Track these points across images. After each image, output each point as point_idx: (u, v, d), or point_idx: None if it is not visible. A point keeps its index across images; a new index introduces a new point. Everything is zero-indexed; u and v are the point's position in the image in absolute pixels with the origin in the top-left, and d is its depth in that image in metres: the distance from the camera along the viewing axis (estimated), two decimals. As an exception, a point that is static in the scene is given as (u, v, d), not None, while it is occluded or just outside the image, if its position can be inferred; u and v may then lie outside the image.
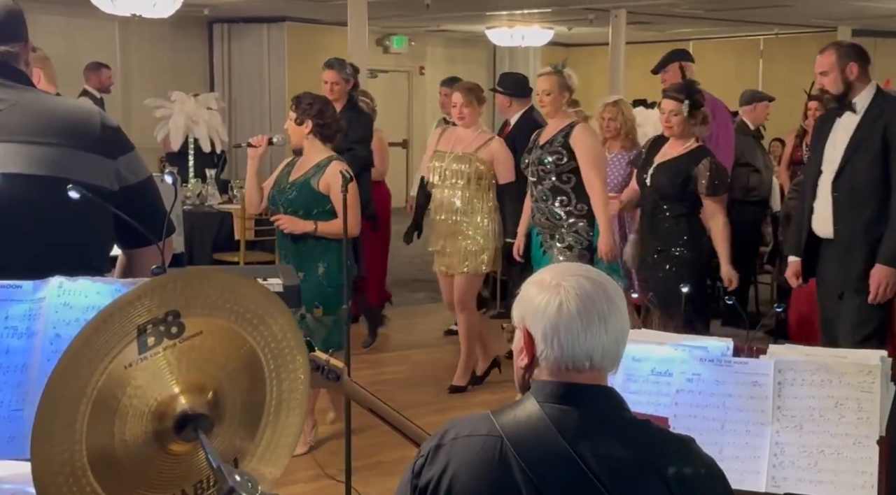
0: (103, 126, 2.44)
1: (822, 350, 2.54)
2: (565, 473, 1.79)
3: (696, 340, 2.56)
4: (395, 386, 6.19)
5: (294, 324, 1.59)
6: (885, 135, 4.38)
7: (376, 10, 9.90)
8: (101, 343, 1.40)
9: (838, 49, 4.51)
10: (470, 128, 5.88)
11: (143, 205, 2.47)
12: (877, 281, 4.37)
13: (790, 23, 12.06)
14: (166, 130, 9.37)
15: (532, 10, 11.53)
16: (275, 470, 1.60)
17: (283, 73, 12.96)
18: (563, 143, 5.33)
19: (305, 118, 4.91)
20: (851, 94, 4.46)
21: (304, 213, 4.89)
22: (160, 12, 9.29)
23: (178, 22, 11.24)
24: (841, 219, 4.50)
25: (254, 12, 12.39)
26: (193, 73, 12.96)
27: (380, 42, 14.09)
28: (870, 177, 4.41)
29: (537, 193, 5.44)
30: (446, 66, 14.48)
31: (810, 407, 2.41)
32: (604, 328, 1.82)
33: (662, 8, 10.67)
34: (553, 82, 5.38)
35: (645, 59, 12.10)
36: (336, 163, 4.87)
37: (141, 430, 1.46)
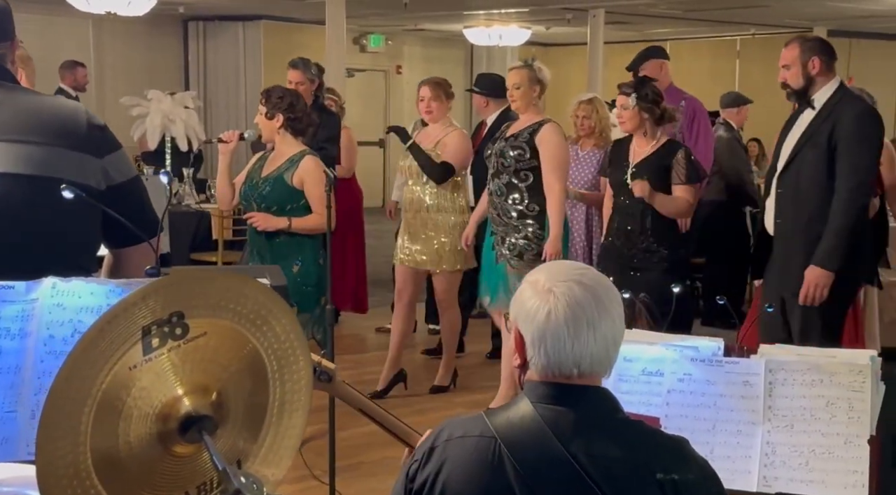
0: (90, 125, 2.43)
1: (813, 350, 2.55)
2: (559, 474, 1.79)
3: (686, 340, 2.57)
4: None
5: (297, 325, 1.59)
6: (832, 133, 4.29)
7: (354, 8, 9.88)
8: (106, 344, 1.39)
9: (802, 43, 4.41)
10: (437, 124, 5.87)
11: (131, 205, 2.45)
12: (807, 281, 4.27)
13: (766, 23, 12.14)
14: (143, 129, 9.32)
15: (510, 9, 11.54)
16: (277, 472, 1.59)
17: (260, 71, 12.92)
18: (528, 140, 5.26)
19: (276, 112, 4.86)
20: (812, 90, 4.36)
21: (278, 209, 4.83)
22: (135, 10, 9.24)
23: (153, 20, 11.18)
24: (782, 216, 4.41)
25: (230, 10, 12.34)
26: (168, 72, 12.89)
27: (357, 41, 14.06)
28: (814, 175, 4.31)
29: (493, 186, 5.38)
30: (423, 65, 14.47)
31: (801, 407, 2.42)
32: (593, 336, 1.81)
33: (640, 8, 10.72)
34: (523, 76, 5.32)
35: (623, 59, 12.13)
36: (309, 158, 4.84)
37: (145, 432, 1.45)
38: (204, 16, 12.90)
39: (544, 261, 5.13)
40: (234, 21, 12.97)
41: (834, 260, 4.25)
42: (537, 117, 5.35)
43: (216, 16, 12.84)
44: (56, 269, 2.01)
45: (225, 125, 12.94)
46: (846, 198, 4.24)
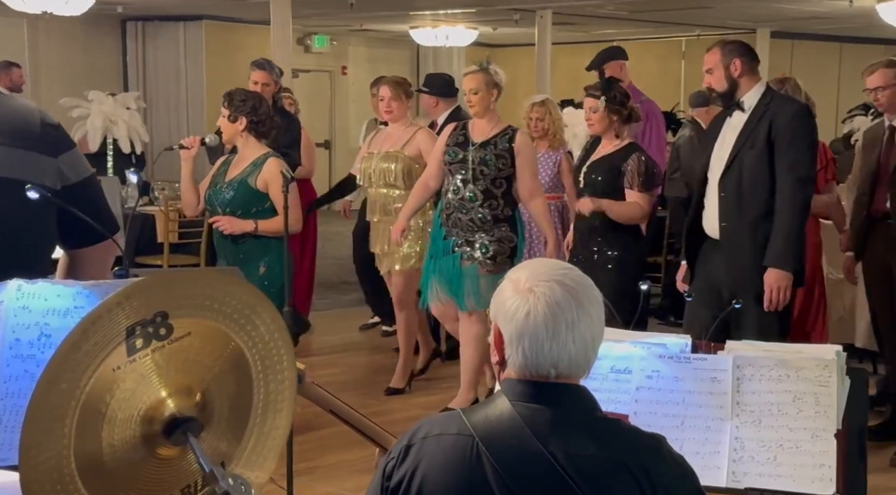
0: (44, 124, 2.38)
1: (779, 345, 2.57)
2: (538, 472, 1.78)
3: (654, 337, 2.57)
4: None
5: (281, 324, 1.56)
6: (769, 133, 4.29)
7: (298, 9, 9.80)
8: (90, 346, 1.36)
9: (723, 47, 4.40)
10: (398, 123, 5.84)
11: (87, 204, 2.40)
12: (769, 285, 4.24)
13: (711, 24, 12.28)
14: (84, 131, 9.17)
15: (456, 10, 11.54)
16: (261, 475, 1.56)
17: (201, 72, 12.76)
18: (507, 148, 5.27)
19: (239, 115, 4.80)
20: (739, 93, 4.35)
21: (243, 213, 4.79)
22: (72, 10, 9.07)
23: (90, 20, 10.99)
24: (728, 218, 4.38)
25: (169, 10, 12.17)
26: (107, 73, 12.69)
27: (301, 41, 13.96)
28: (755, 176, 4.30)
29: (465, 192, 5.29)
30: (369, 65, 14.42)
31: (769, 402, 2.43)
32: (571, 337, 1.80)
33: (587, 9, 10.77)
34: (480, 80, 5.29)
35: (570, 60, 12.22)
36: (273, 160, 4.79)
37: (129, 435, 1.42)
38: (143, 16, 12.72)
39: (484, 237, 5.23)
40: (174, 21, 12.80)
41: (788, 259, 4.26)
42: (500, 122, 5.36)
43: (155, 16, 12.67)
44: (13, 272, 1.97)
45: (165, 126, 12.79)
46: (790, 196, 4.25)
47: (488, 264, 5.23)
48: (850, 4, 9.40)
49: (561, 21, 11.48)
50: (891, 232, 4.93)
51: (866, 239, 5.11)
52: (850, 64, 12.99)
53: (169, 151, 4.99)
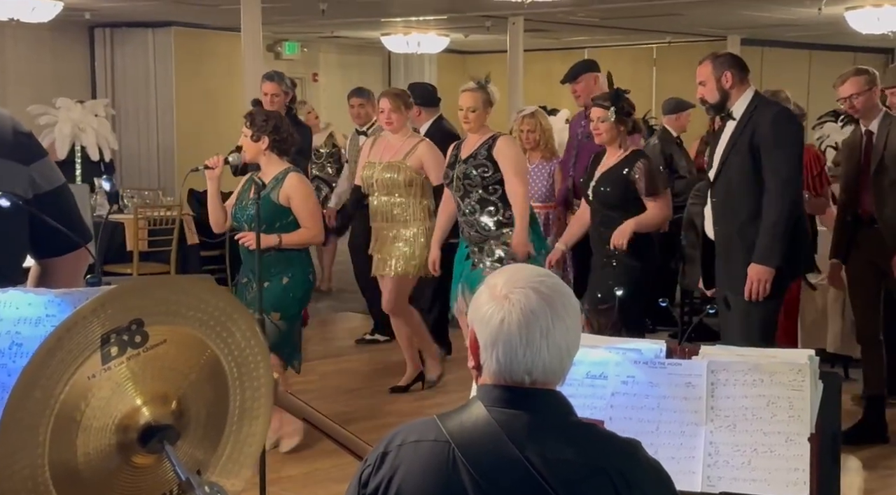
0: (15, 131, 2.37)
1: (753, 350, 2.58)
2: (514, 478, 1.78)
3: (629, 343, 2.58)
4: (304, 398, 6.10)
5: (256, 330, 1.55)
6: (752, 139, 4.46)
7: (268, 15, 9.76)
8: (64, 354, 1.34)
9: (714, 60, 4.59)
10: (398, 134, 5.92)
11: (59, 213, 2.38)
12: (750, 279, 4.43)
13: (681, 31, 12.35)
14: (51, 138, 9.12)
15: (428, 16, 11.53)
16: (237, 483, 1.55)
17: (171, 79, 12.67)
18: (487, 156, 5.39)
19: (262, 134, 4.94)
20: (730, 102, 4.53)
21: (268, 228, 4.88)
22: (39, 16, 9.02)
23: (58, 26, 10.90)
24: (719, 222, 4.58)
25: (138, 17, 12.06)
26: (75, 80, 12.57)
27: (271, 48, 13.90)
28: (742, 181, 4.49)
29: (464, 207, 5.48)
30: (340, 72, 14.38)
31: (743, 407, 2.44)
32: (545, 345, 1.79)
33: (559, 16, 10.78)
34: (478, 99, 5.44)
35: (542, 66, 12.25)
36: (293, 175, 4.95)
37: (105, 443, 1.41)
38: (111, 22, 12.60)
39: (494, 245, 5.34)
40: (142, 28, 12.71)
41: (772, 255, 4.43)
42: (488, 133, 5.50)
43: (124, 22, 12.56)
44: None
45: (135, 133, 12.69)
46: (775, 195, 4.41)
47: (497, 267, 5.27)
48: (819, 12, 9.48)
49: (532, 28, 11.51)
50: (877, 235, 5.05)
51: (850, 244, 5.23)
52: (820, 71, 13.12)
53: (195, 172, 5.04)
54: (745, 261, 4.48)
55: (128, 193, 8.86)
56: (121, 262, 7.71)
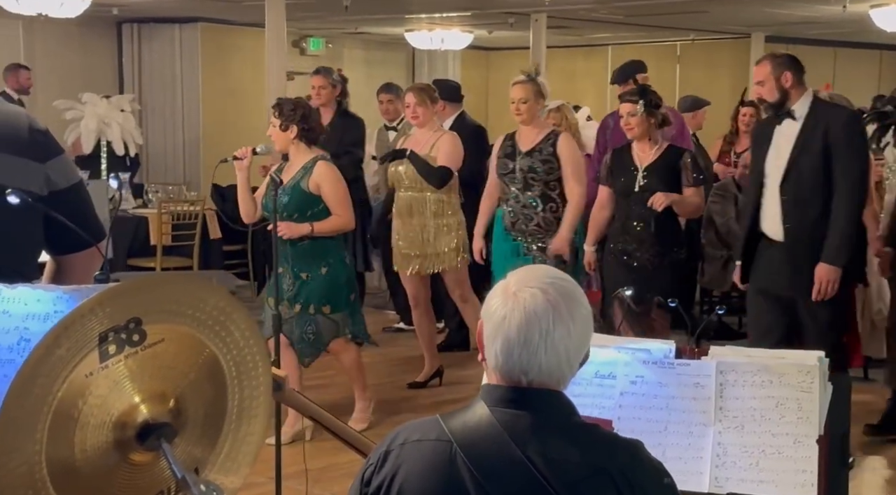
0: (32, 129, 2.37)
1: (762, 351, 2.58)
2: (516, 478, 1.78)
3: (638, 343, 2.58)
4: (320, 392, 6.13)
5: (256, 330, 1.56)
6: (825, 140, 4.56)
7: (293, 11, 9.78)
8: (62, 352, 1.36)
9: (772, 60, 4.70)
10: (424, 128, 5.93)
11: (75, 210, 2.40)
12: (818, 279, 4.54)
13: (705, 28, 12.26)
14: (77, 133, 9.17)
15: (451, 13, 11.52)
16: (235, 480, 1.56)
17: (197, 74, 12.72)
18: (551, 152, 5.44)
19: (290, 124, 4.97)
20: (789, 102, 4.63)
21: (299, 216, 4.95)
22: (67, 12, 9.06)
23: (86, 22, 10.95)
24: (790, 221, 4.66)
25: (165, 12, 12.13)
26: (102, 75, 12.65)
27: (296, 44, 13.92)
28: (814, 180, 4.59)
29: (524, 199, 5.49)
30: (364, 68, 14.39)
31: (751, 408, 2.44)
32: (543, 347, 1.79)
33: (582, 13, 10.74)
34: (529, 91, 5.46)
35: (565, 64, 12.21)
36: (322, 163, 4.99)
37: (102, 440, 1.42)
38: (138, 18, 12.67)
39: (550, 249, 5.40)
40: (169, 23, 12.77)
41: (841, 256, 4.55)
42: (545, 128, 5.56)
43: (151, 17, 12.63)
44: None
45: (161, 128, 12.76)
46: (846, 197, 4.55)
47: (559, 266, 5.30)
48: (844, 9, 9.40)
49: (555, 25, 11.47)
50: None
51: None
52: (844, 69, 13.01)
53: (224, 163, 5.09)
54: (814, 262, 4.59)
55: (152, 188, 8.92)
56: (145, 256, 7.76)
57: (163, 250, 7.65)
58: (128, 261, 7.74)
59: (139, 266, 7.64)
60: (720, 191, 6.82)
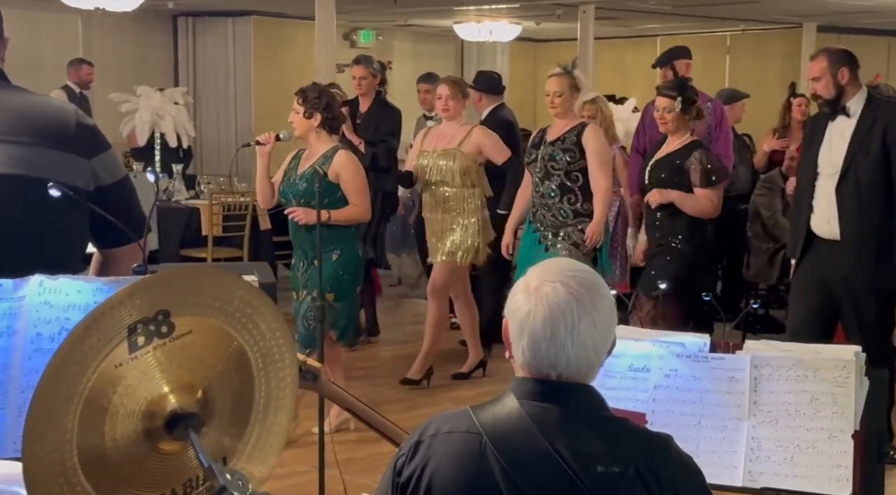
0: (79, 125, 2.42)
1: (797, 345, 2.57)
2: (544, 470, 1.79)
3: (673, 336, 2.58)
4: (365, 382, 6.19)
5: (282, 322, 1.59)
6: (884, 139, 4.53)
7: (343, 4, 9.85)
8: (93, 342, 1.40)
9: (829, 55, 4.65)
10: (453, 122, 5.95)
11: (119, 205, 2.45)
12: None
13: (756, 19, 12.13)
14: (132, 125, 9.32)
15: (500, 5, 11.52)
16: (263, 469, 1.60)
17: (249, 67, 12.86)
18: (575, 142, 5.45)
19: (314, 111, 5.01)
20: (844, 99, 4.59)
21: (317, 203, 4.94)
22: (124, 6, 9.21)
23: (142, 15, 11.12)
24: (848, 220, 4.62)
25: (219, 6, 12.28)
26: (158, 68, 12.82)
27: (347, 36, 14.00)
28: (873, 179, 4.56)
29: (544, 189, 5.52)
30: (414, 60, 14.42)
31: (786, 402, 2.43)
32: (570, 340, 1.80)
33: (630, 4, 10.69)
34: (564, 84, 5.50)
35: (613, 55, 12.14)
36: (342, 151, 5.04)
37: (131, 429, 1.46)
38: (193, 11, 12.84)
39: (585, 242, 5.40)
40: (223, 17, 12.92)
41: None
42: (576, 120, 5.57)
43: (205, 11, 12.79)
44: (41, 268, 2.02)
45: (214, 121, 12.91)
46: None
47: (572, 250, 5.32)
48: (899, -3, 9.27)
49: (603, 16, 11.42)
50: None
51: None
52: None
53: (246, 147, 5.18)
54: (876, 259, 4.58)
55: (204, 179, 9.04)
56: (196, 247, 7.88)
57: (214, 241, 7.75)
58: (180, 251, 7.86)
59: (191, 256, 7.75)
60: (767, 184, 6.75)
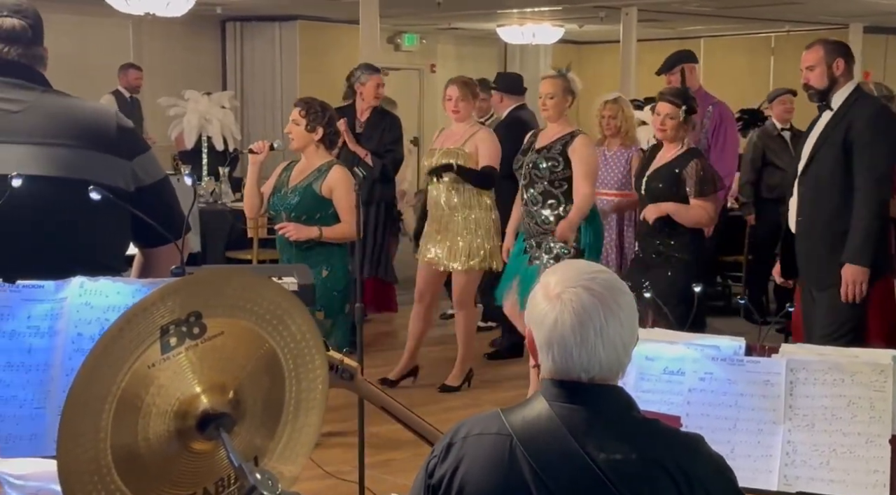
0: (119, 127, 2.47)
1: (834, 349, 2.55)
2: (575, 472, 1.80)
3: (708, 339, 2.57)
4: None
5: (313, 325, 1.62)
6: (847, 134, 4.42)
7: (387, 7, 9.91)
8: (126, 343, 1.43)
9: (826, 45, 4.55)
10: (462, 123, 5.91)
11: (159, 205, 2.49)
12: (845, 280, 4.41)
13: (801, 20, 12.02)
14: (180, 129, 9.43)
15: (543, 7, 11.52)
16: (294, 469, 1.62)
17: (295, 71, 12.99)
18: (561, 151, 5.36)
19: (317, 125, 4.97)
20: (833, 91, 4.48)
21: (307, 218, 4.95)
22: (173, 11, 9.34)
23: (191, 21, 11.27)
24: (803, 214, 4.56)
25: (266, 11, 12.41)
26: (206, 72, 12.99)
27: (391, 40, 14.08)
28: (832, 175, 4.46)
29: (528, 197, 5.46)
30: (457, 63, 14.46)
31: (822, 406, 2.42)
32: (600, 343, 1.81)
33: (673, 6, 10.64)
34: (557, 86, 5.42)
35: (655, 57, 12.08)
36: (338, 167, 4.97)
37: (164, 429, 1.49)
38: (241, 16, 12.99)
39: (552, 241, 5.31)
40: (270, 21, 13.06)
41: (865, 254, 4.41)
42: (568, 128, 5.45)
43: (253, 16, 12.93)
44: (83, 269, 2.06)
45: (261, 124, 13.04)
46: (866, 194, 4.39)
47: (551, 265, 5.27)
48: (950, -3, 9.14)
49: (646, 18, 11.38)
50: None
51: None
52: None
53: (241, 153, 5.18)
54: (827, 258, 4.48)
55: (245, 190, 9.13)
56: (242, 249, 7.96)
57: (259, 243, 7.83)
58: (225, 253, 7.95)
59: (236, 258, 7.83)
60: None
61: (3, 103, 2.39)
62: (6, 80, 2.43)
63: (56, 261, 2.21)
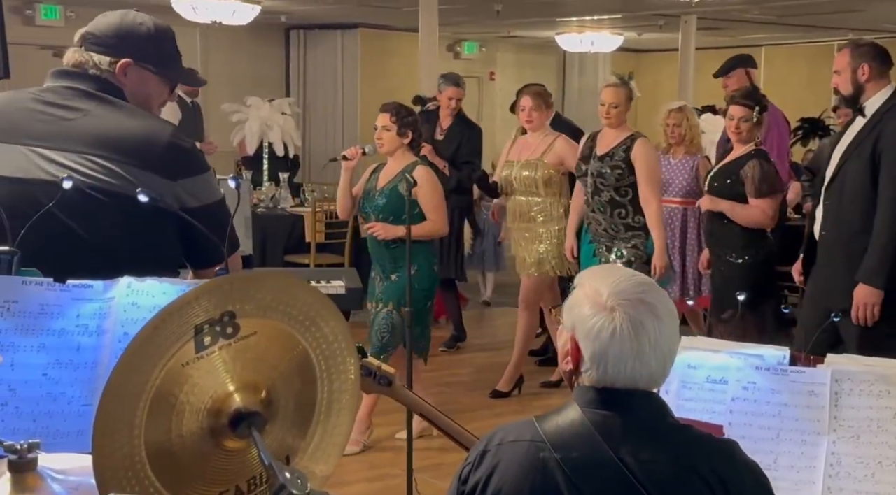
0: (171, 145, 2.44)
1: (880, 360, 2.51)
2: (608, 479, 1.80)
3: (751, 348, 2.55)
4: (457, 388, 6.23)
5: (345, 327, 1.64)
6: (877, 143, 4.16)
7: (447, 16, 9.95)
8: (161, 341, 1.46)
9: (854, 49, 4.30)
10: (537, 133, 5.98)
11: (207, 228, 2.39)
12: (857, 301, 4.16)
13: (863, 28, 11.82)
14: (242, 135, 9.57)
15: (602, 16, 11.49)
16: (325, 468, 1.64)
17: (356, 78, 13.10)
18: (623, 158, 5.41)
19: (407, 130, 5.12)
20: (863, 97, 4.25)
21: (394, 218, 5.07)
22: (239, 19, 9.50)
23: (256, 29, 11.43)
24: (827, 227, 4.34)
25: (328, 19, 12.54)
26: (270, 79, 13.15)
27: (451, 48, 14.14)
28: (857, 186, 4.21)
29: (594, 203, 5.51)
30: (516, 71, 14.47)
31: (868, 418, 2.38)
32: (653, 355, 1.82)
33: (733, 13, 10.54)
34: (621, 95, 5.48)
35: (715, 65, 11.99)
36: (421, 167, 5.11)
37: (197, 426, 1.52)
38: (304, 24, 13.13)
39: (653, 274, 5.26)
40: (332, 30, 13.19)
41: (880, 277, 4.15)
42: (626, 132, 5.51)
43: (316, 24, 13.07)
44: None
45: (322, 131, 13.16)
46: (888, 211, 4.13)
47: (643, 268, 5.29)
48: None
49: (705, 26, 11.30)
50: None
51: None
52: None
53: (333, 162, 5.29)
54: (847, 273, 4.22)
55: (309, 188, 9.24)
56: (300, 253, 8.08)
57: (316, 247, 7.92)
58: (284, 257, 8.07)
59: (294, 262, 7.94)
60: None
61: (61, 110, 2.42)
62: (72, 87, 2.45)
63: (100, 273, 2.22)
